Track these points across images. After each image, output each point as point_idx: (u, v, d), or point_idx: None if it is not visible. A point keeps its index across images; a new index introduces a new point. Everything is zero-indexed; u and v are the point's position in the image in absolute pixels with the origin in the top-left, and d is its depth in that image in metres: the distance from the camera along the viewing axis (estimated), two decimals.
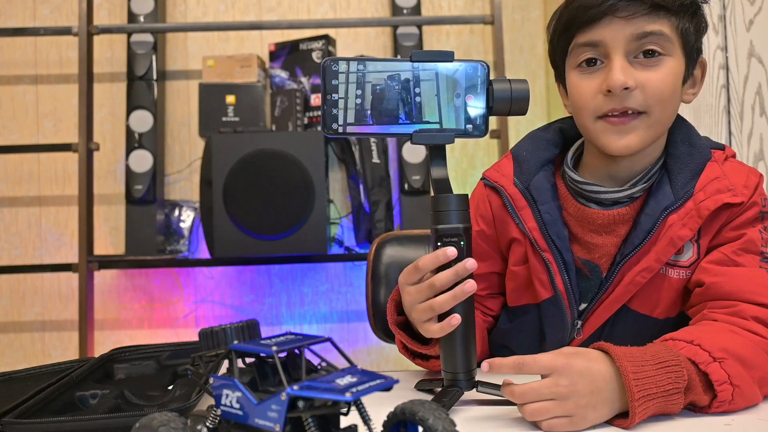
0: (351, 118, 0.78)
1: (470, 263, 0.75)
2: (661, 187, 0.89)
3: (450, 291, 0.76)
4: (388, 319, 0.89)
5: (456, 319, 0.76)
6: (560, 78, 0.97)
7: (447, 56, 0.79)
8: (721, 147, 0.95)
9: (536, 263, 0.94)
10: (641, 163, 0.92)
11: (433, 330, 0.78)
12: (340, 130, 0.78)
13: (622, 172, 0.92)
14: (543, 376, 0.71)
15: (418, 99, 0.79)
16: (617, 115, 0.86)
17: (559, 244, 0.92)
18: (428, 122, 0.79)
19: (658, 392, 0.70)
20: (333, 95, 0.77)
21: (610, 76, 0.84)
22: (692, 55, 0.88)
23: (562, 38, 0.90)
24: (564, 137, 0.99)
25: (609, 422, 0.72)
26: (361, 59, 0.79)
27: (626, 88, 0.83)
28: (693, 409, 0.76)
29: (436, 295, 0.77)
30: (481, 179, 1.02)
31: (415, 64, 0.79)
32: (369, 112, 0.79)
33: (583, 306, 0.95)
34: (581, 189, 0.93)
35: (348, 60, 0.78)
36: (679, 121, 0.95)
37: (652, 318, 0.93)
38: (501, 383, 0.76)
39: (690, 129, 0.95)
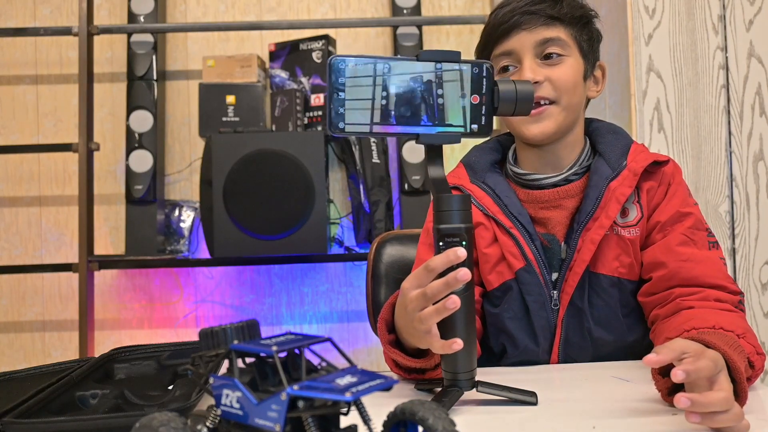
0: (358, 118, 0.76)
1: (461, 274, 0.74)
2: (598, 165, 1.04)
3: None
4: (381, 339, 0.91)
5: (458, 344, 0.75)
6: None
7: (454, 56, 0.79)
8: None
9: (506, 239, 1.04)
10: (566, 150, 1.06)
11: (436, 346, 0.77)
12: (347, 129, 0.76)
13: (552, 159, 1.06)
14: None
15: (440, 101, 0.78)
16: (533, 106, 0.97)
17: (522, 220, 1.04)
18: (451, 125, 0.79)
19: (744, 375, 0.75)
20: (339, 93, 0.75)
21: (522, 73, 1.01)
22: (589, 58, 1.06)
23: (483, 53, 1.07)
24: (501, 146, 1.15)
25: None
26: (371, 57, 0.76)
27: (536, 82, 1.00)
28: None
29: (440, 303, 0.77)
30: None
31: (437, 65, 0.78)
32: (383, 111, 0.77)
33: (555, 276, 1.04)
34: (524, 180, 1.07)
35: (356, 58, 0.76)
36: (599, 120, 1.14)
37: (616, 280, 1.01)
38: (501, 384, 0.76)
39: (611, 123, 1.13)
